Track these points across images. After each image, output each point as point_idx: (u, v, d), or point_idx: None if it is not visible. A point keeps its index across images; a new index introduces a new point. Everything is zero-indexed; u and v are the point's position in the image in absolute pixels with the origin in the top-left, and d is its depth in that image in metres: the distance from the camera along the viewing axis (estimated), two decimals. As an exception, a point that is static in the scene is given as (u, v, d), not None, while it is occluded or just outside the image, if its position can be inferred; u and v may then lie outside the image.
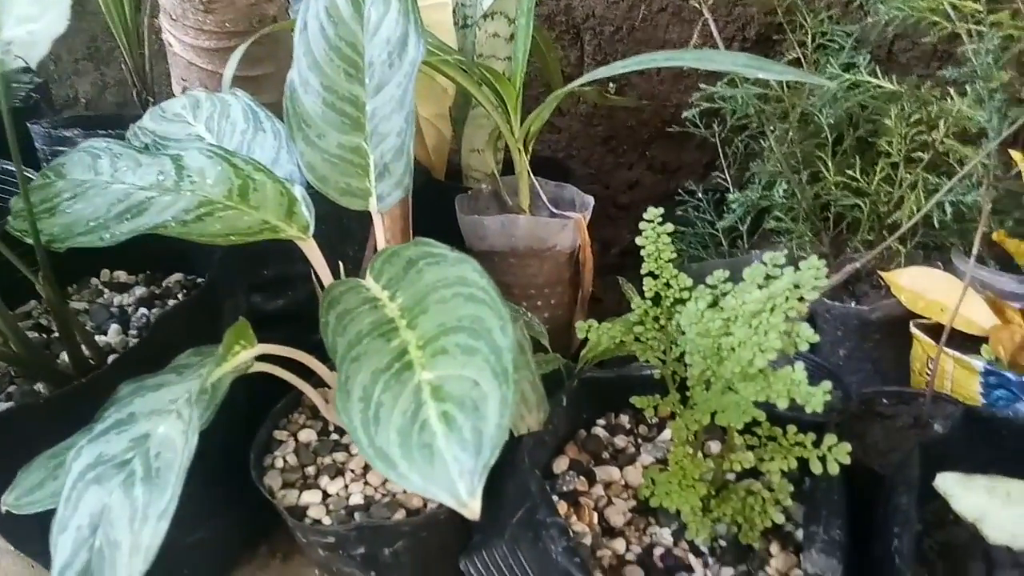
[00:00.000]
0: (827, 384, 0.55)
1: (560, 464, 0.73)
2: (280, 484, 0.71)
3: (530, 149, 0.99)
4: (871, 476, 0.75)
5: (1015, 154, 0.74)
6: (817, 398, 0.54)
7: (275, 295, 0.89)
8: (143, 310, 0.81)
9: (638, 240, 0.71)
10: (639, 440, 0.78)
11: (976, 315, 0.87)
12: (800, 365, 0.57)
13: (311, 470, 0.73)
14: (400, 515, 0.67)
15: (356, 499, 0.69)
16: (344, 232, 0.85)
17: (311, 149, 0.67)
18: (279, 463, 0.73)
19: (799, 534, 0.66)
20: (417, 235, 0.83)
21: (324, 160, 0.67)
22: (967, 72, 0.93)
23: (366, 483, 0.71)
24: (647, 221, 0.70)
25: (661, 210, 0.71)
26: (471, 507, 0.39)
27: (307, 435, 0.76)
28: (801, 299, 0.61)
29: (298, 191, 0.64)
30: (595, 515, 0.69)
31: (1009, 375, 0.80)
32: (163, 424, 0.49)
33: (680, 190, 1.22)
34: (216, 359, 0.52)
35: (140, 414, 0.51)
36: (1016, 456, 0.68)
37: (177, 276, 0.85)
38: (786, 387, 0.57)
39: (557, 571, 0.58)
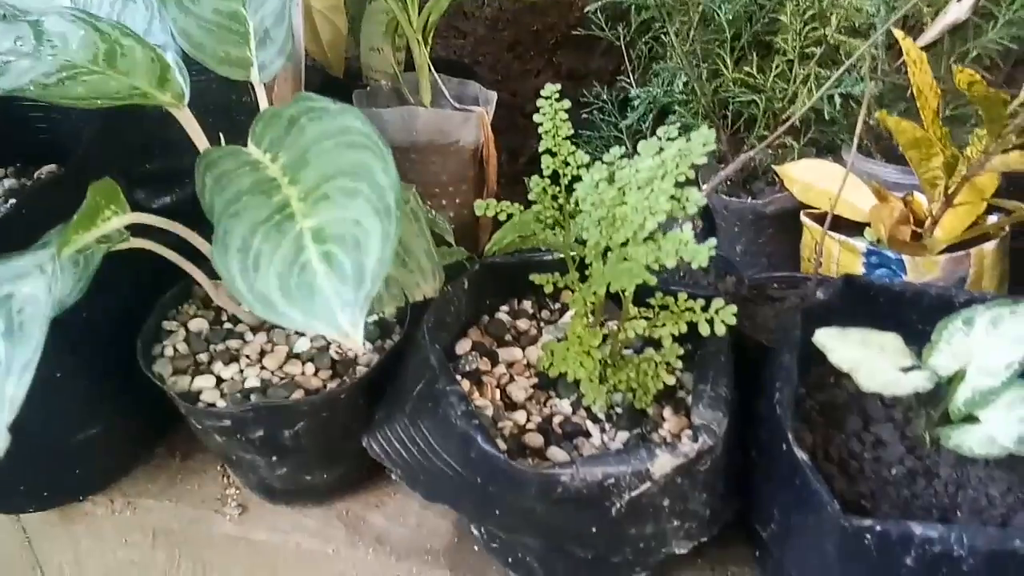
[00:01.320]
0: (712, 241, 0.56)
1: (463, 346, 0.74)
2: (171, 371, 0.69)
3: (430, 41, 0.97)
4: (760, 348, 0.78)
5: (897, 32, 0.76)
6: (702, 254, 0.56)
7: (161, 191, 0.85)
8: (12, 201, 0.76)
9: (536, 118, 0.71)
10: (542, 323, 0.79)
11: (861, 202, 0.91)
12: (688, 226, 0.59)
13: (203, 357, 0.71)
14: (299, 395, 0.67)
15: (252, 382, 0.68)
16: (239, 109, 0.81)
17: (184, 15, 0.63)
18: (169, 351, 0.71)
19: (690, 400, 0.69)
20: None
21: (199, 27, 0.63)
22: (857, -36, 0.95)
23: (262, 367, 0.70)
24: (544, 98, 0.70)
25: (558, 86, 0.70)
26: (354, 337, 0.39)
27: (198, 324, 0.74)
28: (692, 166, 0.62)
29: (171, 57, 0.60)
30: (497, 392, 0.70)
31: (889, 253, 0.84)
32: (27, 285, 0.46)
33: (587, 94, 1.21)
34: (79, 219, 0.49)
35: (3, 279, 0.48)
36: (891, 319, 0.73)
37: (50, 167, 0.80)
38: (675, 247, 0.58)
39: (457, 436, 0.59)
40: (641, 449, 0.57)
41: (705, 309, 0.64)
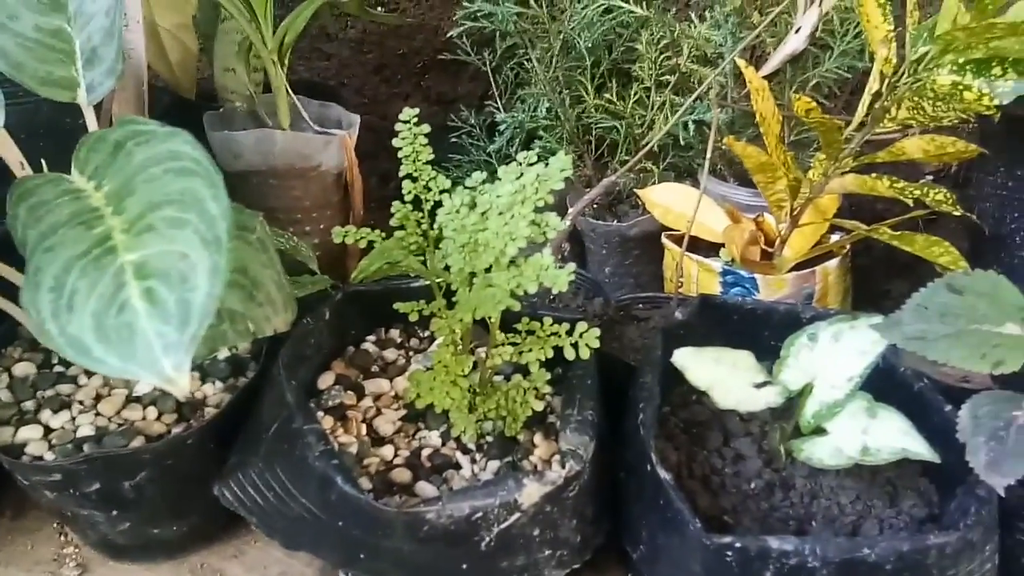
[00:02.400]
0: (571, 266, 0.56)
1: (326, 380, 0.70)
2: (-11, 424, 0.61)
3: (286, 63, 0.93)
4: (626, 368, 0.79)
5: (740, 62, 0.80)
6: (562, 278, 0.55)
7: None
8: None
9: (394, 142, 0.68)
10: (410, 353, 0.77)
11: (716, 223, 0.94)
12: (547, 250, 0.58)
13: (30, 405, 0.63)
14: (139, 442, 0.60)
15: (86, 431, 0.61)
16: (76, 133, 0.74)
17: (2, 32, 0.57)
18: (-12, 401, 0.63)
19: (560, 423, 0.68)
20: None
21: (18, 44, 0.57)
22: (705, -2, 1.00)
23: (97, 414, 0.63)
24: (403, 122, 0.68)
25: (416, 111, 0.68)
26: (178, 383, 0.35)
27: (24, 368, 0.66)
28: (550, 191, 0.62)
29: (-19, 76, 0.54)
30: (363, 427, 0.67)
31: (742, 272, 0.88)
32: None
33: (456, 119, 1.21)
34: None
35: None
36: (745, 335, 0.75)
37: None
38: (536, 272, 0.57)
39: (315, 477, 0.55)
40: (508, 479, 0.55)
41: (570, 333, 0.63)
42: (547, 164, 0.63)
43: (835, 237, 0.95)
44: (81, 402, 0.64)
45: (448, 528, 0.53)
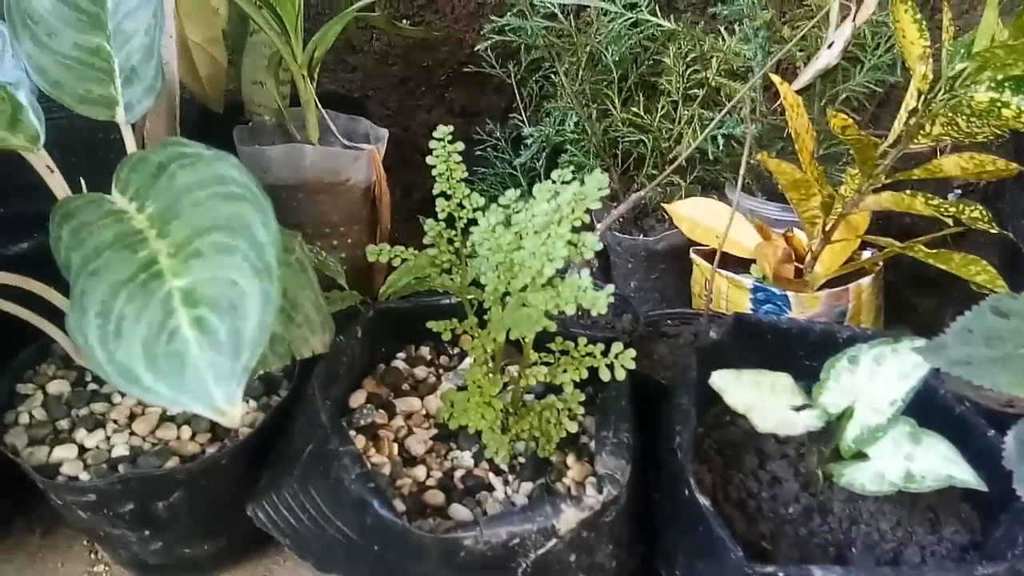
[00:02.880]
0: (610, 287, 0.55)
1: (357, 398, 0.70)
2: (26, 442, 0.61)
3: (315, 77, 0.93)
4: (658, 386, 0.78)
5: (775, 78, 0.79)
6: (601, 301, 0.55)
7: (16, 237, 0.76)
8: None
9: (428, 160, 0.68)
10: (440, 370, 0.76)
11: (745, 239, 0.93)
12: (586, 272, 0.57)
13: (64, 424, 0.63)
14: (173, 463, 0.60)
15: (120, 451, 0.61)
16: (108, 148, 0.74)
17: (41, 50, 0.57)
18: (24, 419, 0.63)
19: (594, 445, 0.67)
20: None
21: (57, 63, 0.57)
22: (736, 11, 0.99)
23: (132, 433, 0.63)
24: (437, 139, 0.68)
25: (450, 128, 0.68)
26: (230, 415, 0.35)
27: (58, 387, 0.66)
28: (587, 210, 0.61)
29: (23, 96, 0.54)
30: (395, 446, 0.66)
31: (774, 289, 0.87)
32: None
33: (480, 131, 1.20)
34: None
35: None
36: (780, 355, 0.74)
37: None
38: (573, 294, 0.57)
39: (351, 501, 0.55)
40: (546, 505, 0.54)
41: (605, 353, 0.63)
42: (583, 182, 0.62)
43: (866, 254, 0.94)
44: (115, 421, 0.64)
45: (485, 554, 0.52)
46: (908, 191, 0.82)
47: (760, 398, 0.61)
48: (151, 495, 0.59)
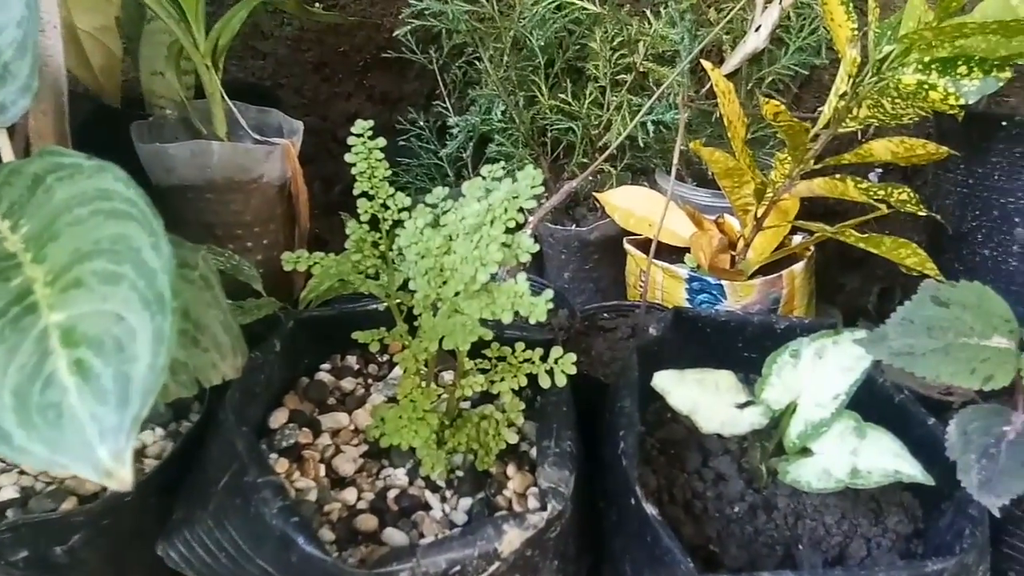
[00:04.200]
0: (548, 293, 0.52)
1: (278, 418, 0.65)
2: None
3: (221, 66, 0.86)
4: (597, 385, 0.76)
5: (706, 64, 0.77)
6: (540, 308, 0.51)
7: None
8: None
9: (347, 157, 0.63)
10: (369, 380, 0.72)
11: (679, 227, 0.92)
12: (523, 276, 0.54)
13: (-60, 467, 0.56)
14: (70, 504, 0.54)
15: (8, 493, 0.54)
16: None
17: None
18: None
19: (534, 452, 0.64)
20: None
21: (-91, 59, 0.50)
22: (661, -6, 0.97)
23: (21, 473, 0.56)
24: (355, 135, 0.63)
25: (370, 123, 0.63)
26: (119, 476, 0.30)
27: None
28: (520, 209, 0.58)
29: None
30: (322, 467, 0.62)
31: (709, 279, 0.85)
32: None
33: (402, 120, 1.15)
34: None
35: None
36: (719, 348, 0.73)
37: None
38: (510, 300, 0.53)
39: (273, 537, 0.50)
40: (487, 527, 0.51)
41: (544, 358, 0.60)
42: (515, 179, 0.59)
43: (797, 239, 0.94)
44: (2, 460, 0.57)
45: (425, 585, 0.49)
46: (837, 176, 0.81)
47: (704, 398, 0.59)
48: (47, 540, 0.53)
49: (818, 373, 0.60)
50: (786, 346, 0.62)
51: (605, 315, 0.90)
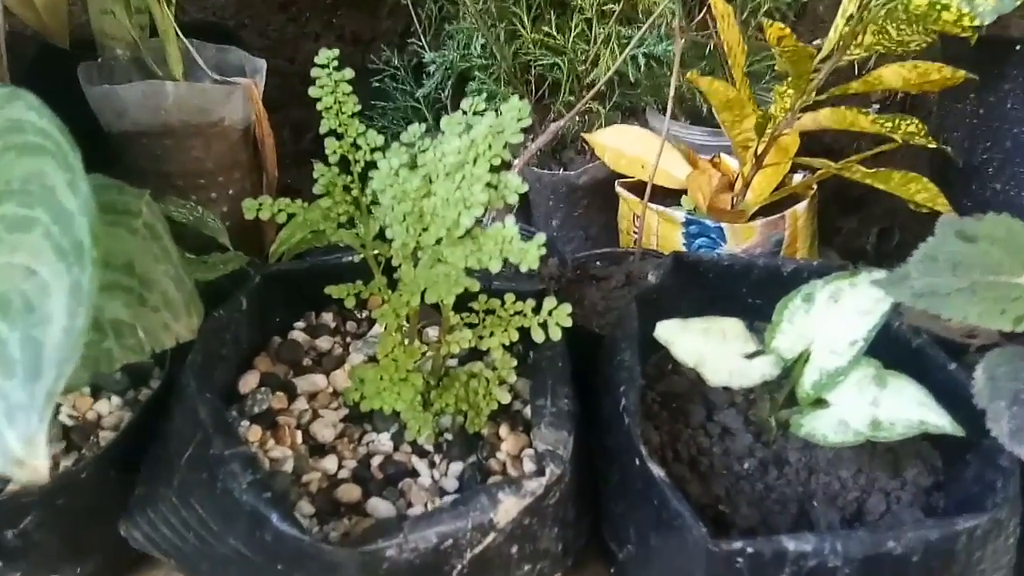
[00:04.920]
0: (540, 237, 0.47)
1: (248, 381, 0.59)
2: None
3: (175, 2, 0.78)
4: (591, 337, 0.71)
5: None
6: (531, 254, 0.46)
7: None
8: None
9: (311, 91, 0.57)
10: (347, 339, 0.66)
11: (673, 168, 0.86)
12: (511, 219, 0.48)
13: None
14: (17, 484, 0.49)
15: (-54, 476, 0.49)
16: None
17: None
18: None
19: (528, 411, 0.59)
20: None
21: None
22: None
23: (-40, 451, 0.51)
24: (320, 66, 0.56)
25: (335, 52, 0.57)
26: (31, 465, 0.24)
27: None
28: (505, 145, 0.52)
29: None
30: (298, 434, 0.57)
31: (707, 221, 0.80)
32: None
33: (375, 60, 1.08)
34: None
35: None
36: (723, 295, 0.68)
37: None
38: (498, 246, 0.48)
39: (244, 514, 0.45)
40: (480, 496, 0.46)
41: (537, 310, 0.55)
42: (499, 112, 0.53)
43: (797, 177, 0.89)
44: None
45: (412, 563, 0.44)
46: (843, 107, 0.76)
47: (710, 348, 0.55)
48: (-5, 524, 0.48)
49: (833, 318, 0.55)
50: (798, 290, 0.57)
51: (597, 263, 0.85)
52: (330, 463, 0.54)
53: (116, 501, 0.52)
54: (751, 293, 0.68)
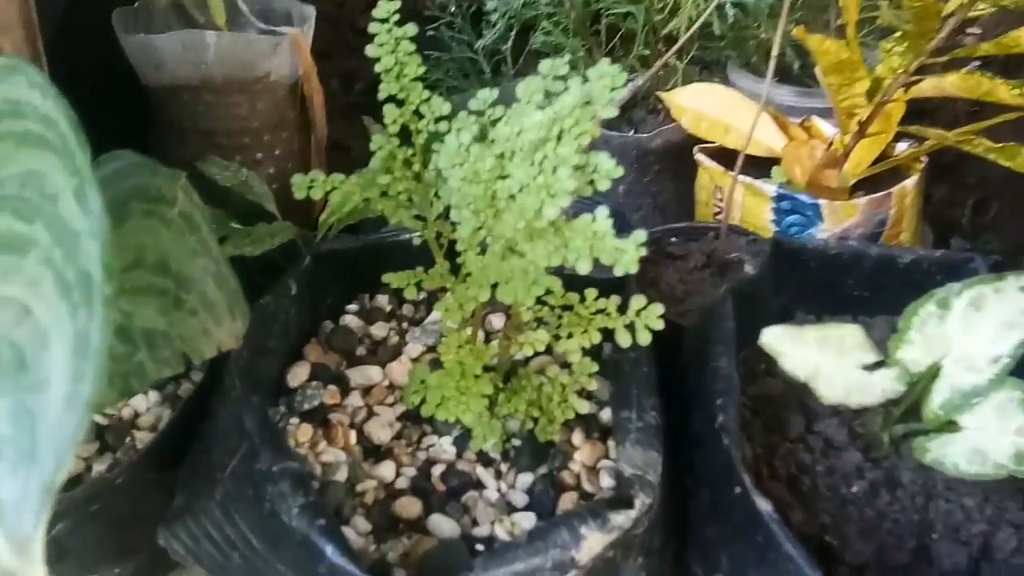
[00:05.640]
0: (641, 235, 0.39)
1: (298, 374, 0.53)
2: None
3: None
4: (671, 328, 0.64)
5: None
6: (630, 256, 0.38)
7: None
8: None
9: (368, 50, 0.49)
10: (404, 325, 0.60)
11: (763, 135, 0.77)
12: (603, 211, 0.41)
13: None
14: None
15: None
16: None
17: None
18: None
19: (604, 415, 0.53)
20: (62, 69, 0.55)
21: None
22: None
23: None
24: (379, 21, 0.48)
25: (396, 4, 0.49)
26: (23, 571, 0.18)
27: None
28: (594, 118, 0.44)
29: None
30: (352, 434, 0.51)
31: (802, 197, 0.71)
32: None
33: (430, 5, 0.99)
34: None
35: None
36: (825, 288, 0.60)
37: None
38: (587, 243, 0.40)
39: (295, 542, 0.40)
40: (562, 530, 0.40)
41: (622, 309, 0.47)
42: (585, 78, 0.44)
43: (902, 146, 0.78)
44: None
45: (484, 606, 0.39)
46: (978, 73, 0.65)
47: (825, 360, 0.47)
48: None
49: (972, 329, 0.47)
50: (931, 294, 0.48)
51: (673, 239, 0.76)
52: (387, 470, 0.49)
53: (155, 503, 0.48)
54: (859, 285, 0.59)
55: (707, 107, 0.81)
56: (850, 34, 0.64)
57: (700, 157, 0.80)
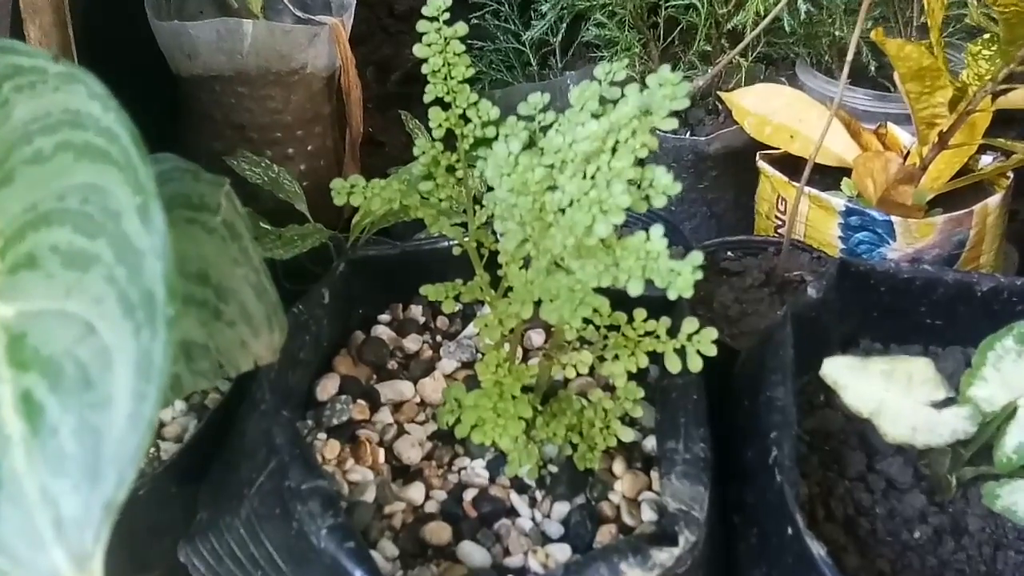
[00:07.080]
0: (698, 256, 0.41)
1: (327, 387, 0.56)
2: None
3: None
4: (723, 350, 0.65)
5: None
6: (684, 279, 0.40)
7: None
8: None
9: (416, 50, 0.51)
10: (438, 338, 0.62)
11: (834, 142, 0.78)
12: (658, 230, 0.42)
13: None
14: None
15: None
16: None
17: None
18: None
19: (648, 444, 0.54)
20: (89, 56, 0.59)
21: None
22: None
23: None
24: (428, 18, 0.51)
25: (447, 2, 0.51)
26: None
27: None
28: (654, 131, 0.46)
29: None
30: (381, 452, 0.53)
31: (874, 213, 0.72)
32: None
33: (475, -9, 1.01)
34: None
35: None
36: (894, 314, 0.61)
37: None
38: (640, 262, 0.42)
39: (321, 563, 0.42)
40: (599, 568, 0.42)
41: (673, 332, 0.49)
42: (644, 86, 0.46)
43: (986, 160, 0.79)
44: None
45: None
46: (1072, 83, 0.66)
47: (891, 396, 0.48)
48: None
49: (1055, 368, 0.48)
50: (1010, 327, 0.49)
51: (729, 253, 0.78)
52: (416, 492, 0.51)
53: (175, 517, 0.51)
54: (931, 313, 0.60)
55: (772, 110, 0.82)
56: (934, 38, 0.65)
57: (762, 164, 0.81)
